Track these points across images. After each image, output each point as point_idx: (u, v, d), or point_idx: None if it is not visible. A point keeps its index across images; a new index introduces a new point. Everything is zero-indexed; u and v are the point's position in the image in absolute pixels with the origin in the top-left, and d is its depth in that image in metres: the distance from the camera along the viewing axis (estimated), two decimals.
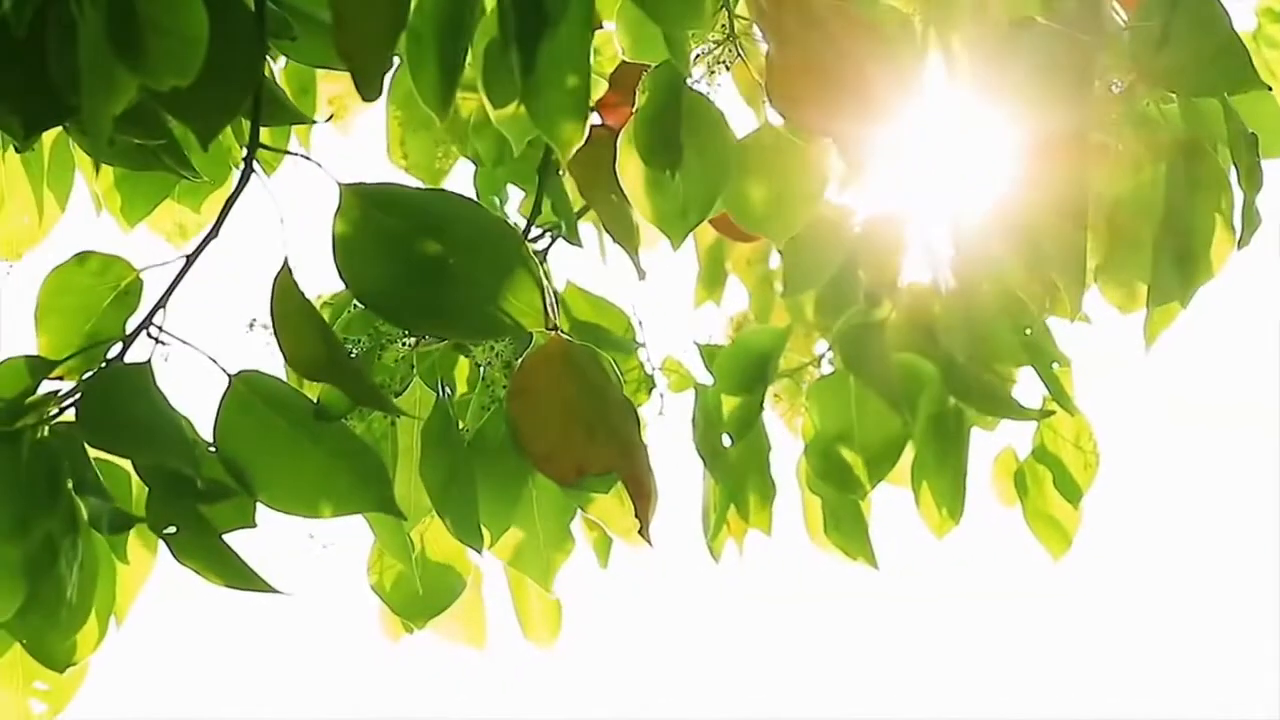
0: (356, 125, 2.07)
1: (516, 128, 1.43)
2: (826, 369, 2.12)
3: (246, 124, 1.64)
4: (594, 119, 1.57)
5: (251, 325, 1.97)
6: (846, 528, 2.03)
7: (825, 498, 2.03)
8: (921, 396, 2.01)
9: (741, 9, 1.50)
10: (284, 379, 1.44)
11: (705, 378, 2.06)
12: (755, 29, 1.49)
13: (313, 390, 1.44)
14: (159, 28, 1.29)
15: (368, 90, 1.30)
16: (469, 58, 1.43)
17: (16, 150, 1.56)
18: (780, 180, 1.49)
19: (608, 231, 1.77)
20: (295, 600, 1.52)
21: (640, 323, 1.97)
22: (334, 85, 1.96)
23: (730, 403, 2.00)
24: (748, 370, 2.00)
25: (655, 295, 1.96)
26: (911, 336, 2.07)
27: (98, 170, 1.69)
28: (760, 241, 2.34)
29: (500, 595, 1.90)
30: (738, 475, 2.01)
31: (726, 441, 2.01)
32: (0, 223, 1.61)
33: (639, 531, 1.44)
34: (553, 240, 1.84)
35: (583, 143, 1.35)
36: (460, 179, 2.23)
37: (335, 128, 2.05)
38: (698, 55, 1.48)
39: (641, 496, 1.44)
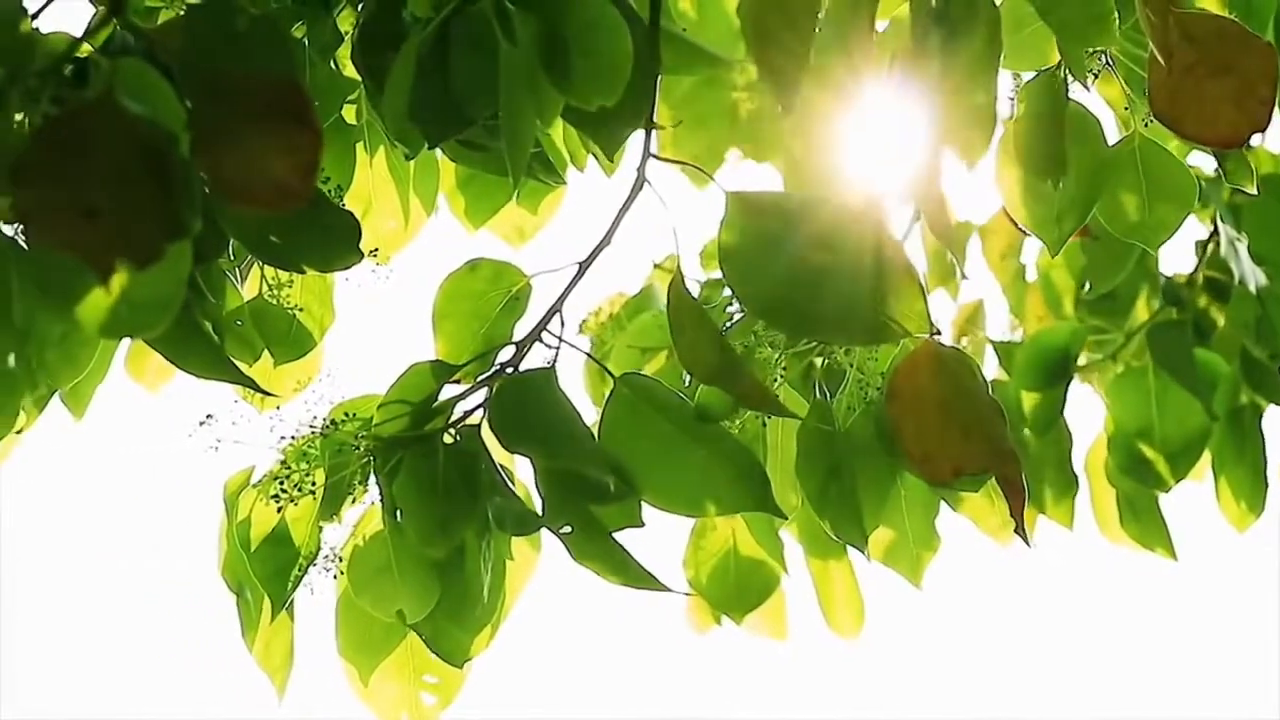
0: None
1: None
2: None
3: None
4: None
5: (581, 327, 2.02)
6: (1144, 520, 2.06)
7: (1123, 491, 2.06)
8: (1217, 391, 2.04)
9: None
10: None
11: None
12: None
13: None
14: (585, 49, 1.33)
15: (788, 102, 1.33)
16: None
17: (406, 158, 1.60)
18: (1153, 188, 1.52)
19: (930, 230, 1.80)
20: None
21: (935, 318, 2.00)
22: None
23: (1031, 398, 2.04)
24: (1048, 366, 2.03)
25: None
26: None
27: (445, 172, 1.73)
28: (1016, 236, 2.37)
29: None
30: (1035, 469, 2.04)
31: (1025, 435, 2.04)
32: (367, 227, 1.66)
33: (1015, 530, 1.47)
34: None
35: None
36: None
37: None
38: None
39: (1015, 496, 1.46)
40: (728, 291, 2.12)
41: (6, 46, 1.17)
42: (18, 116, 1.21)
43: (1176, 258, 2.36)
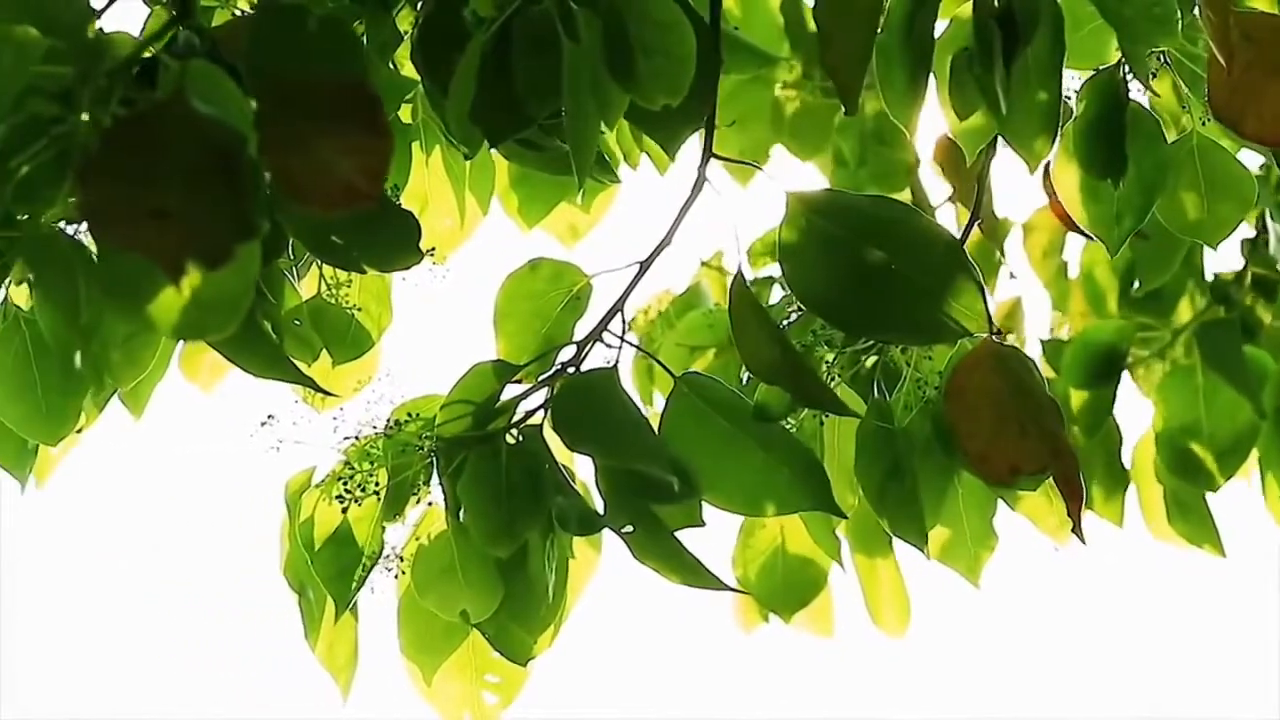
0: None
1: (973, 139, 1.46)
2: None
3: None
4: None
5: (630, 324, 2.02)
6: (1192, 518, 2.06)
7: (1170, 489, 2.06)
8: (1265, 390, 2.04)
9: None
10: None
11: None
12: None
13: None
14: (649, 48, 1.33)
15: (851, 103, 1.33)
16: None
17: (466, 158, 1.61)
18: (1212, 186, 1.52)
19: (979, 227, 1.80)
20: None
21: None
22: None
23: (1080, 396, 2.03)
24: (1097, 364, 2.03)
25: None
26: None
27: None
28: (1058, 233, 2.37)
29: None
30: (1085, 467, 2.03)
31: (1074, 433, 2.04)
32: (423, 226, 1.65)
33: (1072, 530, 1.47)
34: None
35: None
36: None
37: None
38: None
39: (1073, 496, 1.46)
40: (779, 290, 2.13)
41: (78, 46, 1.17)
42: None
43: (1219, 255, 2.36)
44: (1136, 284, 2.10)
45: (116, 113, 1.16)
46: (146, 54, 1.22)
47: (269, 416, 1.44)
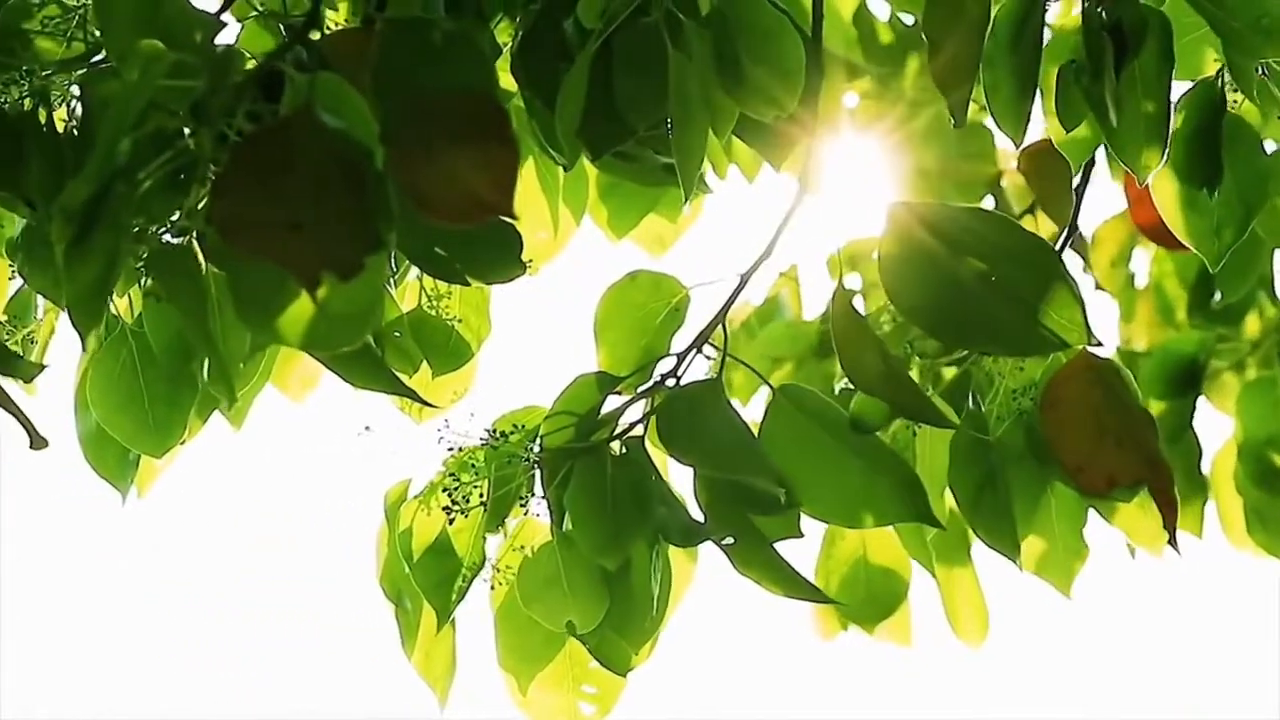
0: None
1: (1078, 150, 1.46)
2: None
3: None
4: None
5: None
6: (1271, 529, 2.06)
7: (1251, 500, 2.06)
8: None
9: None
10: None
11: None
12: None
13: None
14: (757, 58, 1.34)
15: (960, 114, 1.34)
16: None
17: (565, 169, 1.61)
18: None
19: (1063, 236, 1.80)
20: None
21: None
22: None
23: (1159, 407, 2.04)
24: (1177, 375, 2.03)
25: None
26: None
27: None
28: (1125, 244, 2.37)
29: None
30: None
31: None
32: None
33: (1169, 541, 1.47)
34: None
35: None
36: None
37: None
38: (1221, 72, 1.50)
39: (1169, 506, 1.47)
40: (858, 301, 2.13)
41: (205, 60, 1.17)
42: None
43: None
44: (1218, 295, 2.09)
45: (243, 127, 1.17)
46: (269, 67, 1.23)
47: (367, 428, 1.45)
